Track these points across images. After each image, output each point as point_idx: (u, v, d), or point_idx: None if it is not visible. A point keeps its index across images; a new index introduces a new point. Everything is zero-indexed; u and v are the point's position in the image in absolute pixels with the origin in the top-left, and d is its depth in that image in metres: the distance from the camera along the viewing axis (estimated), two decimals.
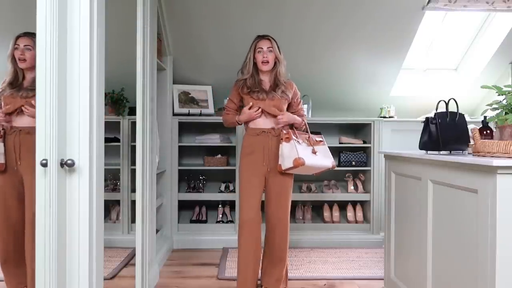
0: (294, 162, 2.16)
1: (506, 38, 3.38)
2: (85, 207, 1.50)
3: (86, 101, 1.50)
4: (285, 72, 2.39)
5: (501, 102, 1.67)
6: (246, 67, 2.36)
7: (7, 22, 3.06)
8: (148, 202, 2.38)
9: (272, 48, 2.32)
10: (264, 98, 2.30)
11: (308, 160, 2.19)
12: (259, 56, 2.32)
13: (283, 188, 2.33)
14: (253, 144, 2.33)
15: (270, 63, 2.32)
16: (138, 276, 2.20)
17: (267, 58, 2.31)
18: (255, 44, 2.34)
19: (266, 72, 2.37)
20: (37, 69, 1.39)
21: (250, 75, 2.35)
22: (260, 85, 2.35)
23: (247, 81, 2.35)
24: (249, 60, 2.35)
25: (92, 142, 1.53)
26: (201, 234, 3.44)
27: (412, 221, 2.01)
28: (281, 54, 2.36)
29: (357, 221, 3.57)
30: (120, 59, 2.84)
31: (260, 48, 2.32)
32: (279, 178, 2.32)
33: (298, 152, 2.17)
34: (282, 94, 2.31)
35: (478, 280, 1.44)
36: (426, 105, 3.78)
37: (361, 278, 2.71)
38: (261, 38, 2.34)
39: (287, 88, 2.35)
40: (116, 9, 2.72)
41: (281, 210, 2.33)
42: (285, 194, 2.34)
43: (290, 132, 2.25)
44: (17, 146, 2.14)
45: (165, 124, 3.35)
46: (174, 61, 3.50)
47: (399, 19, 3.16)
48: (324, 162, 2.30)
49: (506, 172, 1.34)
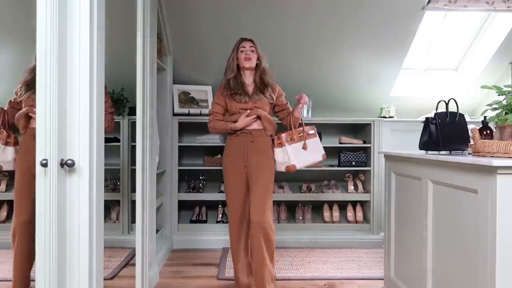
0: (286, 169, 2.32)
1: (506, 38, 3.38)
2: (85, 207, 1.50)
3: (86, 101, 1.49)
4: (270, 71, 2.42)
5: (501, 102, 1.67)
6: (230, 67, 2.40)
7: (7, 22, 3.07)
8: (148, 202, 2.38)
9: (255, 47, 2.39)
10: (247, 101, 2.33)
11: (299, 163, 2.32)
12: (242, 55, 2.37)
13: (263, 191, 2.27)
14: (233, 145, 2.37)
15: (252, 60, 2.37)
16: (138, 276, 2.20)
17: (249, 56, 2.36)
18: (237, 45, 2.42)
19: (249, 71, 2.40)
20: (37, 69, 1.39)
21: (234, 75, 2.38)
22: (243, 88, 2.36)
23: (230, 82, 2.37)
24: (232, 60, 2.40)
25: (92, 142, 1.53)
26: (201, 234, 3.44)
27: (412, 221, 2.01)
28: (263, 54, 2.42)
29: (357, 221, 3.57)
30: (120, 59, 2.84)
31: (243, 47, 2.38)
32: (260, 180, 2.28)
33: (290, 159, 2.30)
34: (269, 97, 2.36)
35: (478, 280, 1.44)
36: (426, 105, 3.78)
37: (361, 278, 2.71)
38: (243, 40, 2.42)
39: (273, 91, 2.40)
40: (116, 9, 2.72)
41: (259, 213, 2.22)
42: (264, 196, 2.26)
43: (282, 137, 2.33)
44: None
45: (165, 124, 3.34)
46: (174, 61, 3.50)
47: (399, 19, 3.16)
48: (314, 157, 2.40)
49: (506, 172, 1.34)
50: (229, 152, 2.38)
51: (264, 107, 2.34)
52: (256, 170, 2.30)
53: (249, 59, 2.36)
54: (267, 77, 2.40)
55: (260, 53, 2.40)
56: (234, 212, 2.36)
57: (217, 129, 2.40)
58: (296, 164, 2.31)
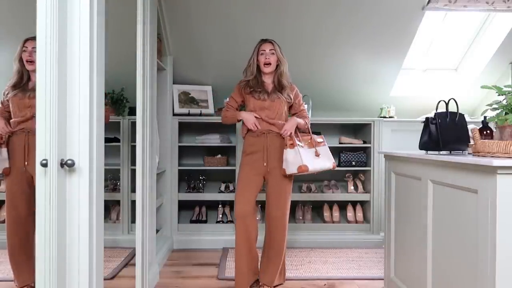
0: (299, 169, 2.30)
1: (506, 38, 3.38)
2: (85, 207, 1.50)
3: (86, 101, 1.49)
4: (288, 73, 2.47)
5: (501, 102, 1.67)
6: (250, 69, 2.45)
7: (7, 23, 3.07)
8: (148, 202, 2.38)
9: (274, 50, 2.42)
10: (265, 99, 2.40)
11: (311, 165, 2.32)
12: (262, 58, 2.41)
13: (283, 189, 2.42)
14: (254, 144, 2.42)
15: (272, 65, 2.42)
16: (138, 276, 2.20)
17: (269, 59, 2.40)
18: (258, 47, 2.44)
19: (269, 74, 2.47)
20: (37, 69, 1.39)
21: (253, 76, 2.44)
22: (263, 86, 2.44)
23: (250, 82, 2.44)
24: (252, 62, 2.44)
25: (92, 142, 1.53)
26: (201, 234, 3.44)
27: (412, 221, 2.01)
28: (284, 56, 2.45)
29: (357, 221, 3.57)
30: (120, 59, 2.83)
31: (263, 51, 2.42)
32: (280, 179, 2.41)
33: (302, 159, 2.30)
34: (287, 97, 2.42)
35: (478, 280, 1.44)
36: (426, 105, 3.78)
37: (361, 278, 2.71)
38: (263, 42, 2.44)
39: (291, 91, 2.47)
40: (116, 9, 2.72)
41: (280, 210, 2.42)
42: (284, 194, 2.43)
43: (294, 138, 2.36)
44: (25, 147, 2.22)
45: (165, 124, 3.34)
46: (174, 61, 3.49)
47: (399, 19, 3.16)
48: (325, 164, 2.41)
49: (506, 172, 1.34)
50: (249, 151, 2.43)
51: (281, 106, 2.41)
52: (277, 169, 2.39)
53: (269, 63, 2.40)
54: (284, 80, 2.45)
55: (280, 55, 2.42)
56: (244, 206, 2.35)
57: (227, 118, 2.51)
58: (308, 166, 2.31)
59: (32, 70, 2.24)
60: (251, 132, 2.42)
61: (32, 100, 2.16)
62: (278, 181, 2.40)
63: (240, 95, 2.48)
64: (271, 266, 2.46)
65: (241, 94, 2.47)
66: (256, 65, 2.43)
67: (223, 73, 3.57)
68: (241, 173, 2.44)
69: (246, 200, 2.36)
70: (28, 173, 2.23)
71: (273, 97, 2.40)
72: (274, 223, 2.42)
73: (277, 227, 2.42)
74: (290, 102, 2.46)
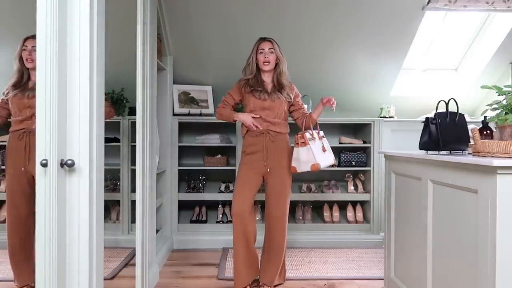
0: (312, 167, 2.29)
1: (506, 38, 3.38)
2: (85, 207, 1.50)
3: (86, 101, 1.49)
4: (287, 72, 2.46)
5: (501, 102, 1.67)
6: (249, 68, 2.44)
7: (7, 23, 3.07)
8: (148, 202, 2.38)
9: (274, 49, 2.41)
10: (266, 99, 2.39)
11: (322, 162, 2.31)
12: (261, 57, 2.40)
13: (283, 189, 2.43)
14: (254, 144, 2.42)
15: (271, 63, 2.41)
16: (138, 276, 2.20)
17: (268, 58, 2.39)
18: (257, 45, 2.43)
19: (268, 73, 2.46)
20: (37, 69, 1.39)
21: (253, 75, 2.43)
22: (263, 85, 2.44)
23: (250, 81, 2.44)
24: (251, 61, 2.43)
25: (92, 142, 1.53)
26: (201, 234, 3.44)
27: (412, 221, 2.01)
28: (283, 55, 2.44)
29: (357, 221, 3.57)
30: (120, 59, 2.84)
31: (262, 49, 2.41)
32: (280, 179, 2.42)
33: (315, 157, 2.29)
34: (286, 96, 2.42)
35: (478, 280, 1.44)
36: (426, 105, 3.78)
37: (361, 278, 2.71)
38: (262, 40, 2.43)
39: (290, 90, 2.46)
40: (116, 9, 2.72)
41: (280, 210, 2.43)
42: (284, 193, 2.44)
43: (305, 137, 2.34)
44: (26, 146, 2.22)
45: (165, 124, 3.35)
46: (174, 61, 3.49)
47: (399, 19, 3.16)
48: (330, 159, 2.39)
49: (506, 172, 1.34)
50: (249, 150, 2.42)
51: (281, 106, 2.41)
52: (276, 168, 2.39)
53: (268, 62, 2.39)
54: (284, 79, 2.44)
55: (279, 54, 2.41)
56: (241, 205, 2.34)
57: (222, 115, 2.49)
58: (320, 163, 2.28)
59: (32, 68, 2.25)
60: (251, 132, 2.42)
61: (32, 100, 2.16)
62: (278, 181, 2.41)
63: (239, 94, 2.47)
64: (271, 266, 2.46)
65: (240, 93, 2.46)
66: (256, 64, 2.43)
67: (223, 73, 3.57)
68: (240, 172, 2.44)
69: (243, 198, 2.36)
70: (29, 173, 2.24)
71: (273, 97, 2.39)
72: (274, 223, 2.43)
73: (277, 227, 2.43)
74: (290, 102, 2.46)
